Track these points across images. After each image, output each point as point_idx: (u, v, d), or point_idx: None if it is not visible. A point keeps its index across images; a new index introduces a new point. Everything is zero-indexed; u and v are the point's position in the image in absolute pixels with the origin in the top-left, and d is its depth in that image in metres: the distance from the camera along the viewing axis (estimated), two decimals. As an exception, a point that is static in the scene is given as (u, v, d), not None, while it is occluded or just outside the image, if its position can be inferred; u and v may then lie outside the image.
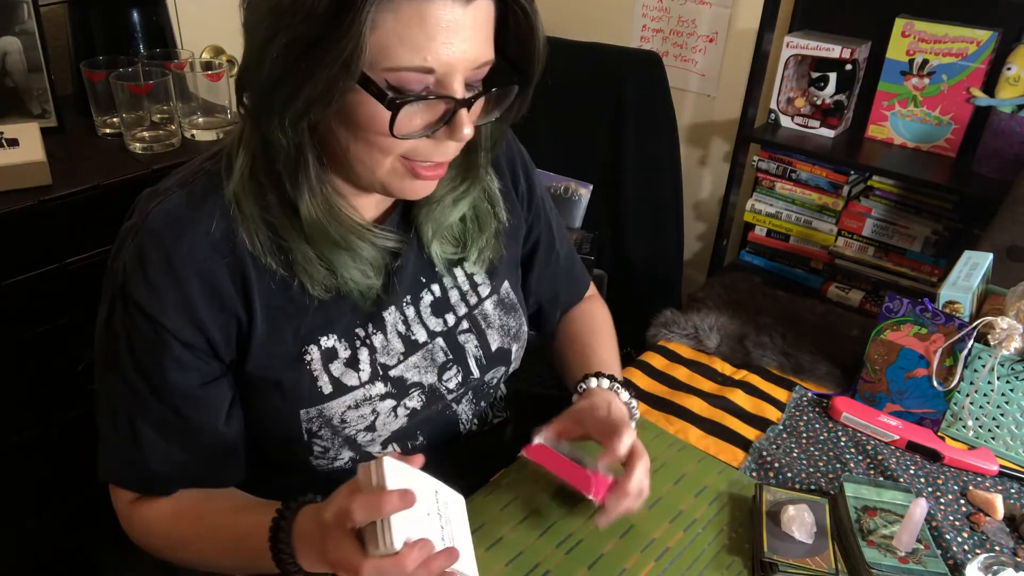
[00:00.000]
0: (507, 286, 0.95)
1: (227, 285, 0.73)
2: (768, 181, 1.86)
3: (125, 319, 0.74)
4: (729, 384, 1.22)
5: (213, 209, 0.73)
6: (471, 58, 0.67)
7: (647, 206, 1.92)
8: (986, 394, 1.07)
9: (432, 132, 0.69)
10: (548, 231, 1.03)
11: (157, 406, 0.76)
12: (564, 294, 1.09)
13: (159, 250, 0.71)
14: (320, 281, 0.76)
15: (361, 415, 0.81)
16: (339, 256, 0.75)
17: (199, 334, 0.74)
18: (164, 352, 0.74)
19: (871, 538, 0.88)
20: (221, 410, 0.79)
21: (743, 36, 2.04)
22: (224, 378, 0.79)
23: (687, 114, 2.22)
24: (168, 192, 0.75)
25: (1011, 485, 1.03)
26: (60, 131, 1.38)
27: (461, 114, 0.68)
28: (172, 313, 0.72)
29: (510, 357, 0.95)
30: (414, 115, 0.68)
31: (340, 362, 0.80)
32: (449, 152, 0.73)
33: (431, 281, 0.88)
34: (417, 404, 0.86)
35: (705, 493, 0.97)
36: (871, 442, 1.09)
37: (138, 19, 1.47)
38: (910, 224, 1.70)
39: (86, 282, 1.23)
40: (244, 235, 0.73)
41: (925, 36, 1.62)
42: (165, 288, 0.71)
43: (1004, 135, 1.55)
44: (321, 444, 0.81)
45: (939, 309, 1.10)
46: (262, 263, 0.74)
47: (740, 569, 0.86)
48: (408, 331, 0.85)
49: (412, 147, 0.70)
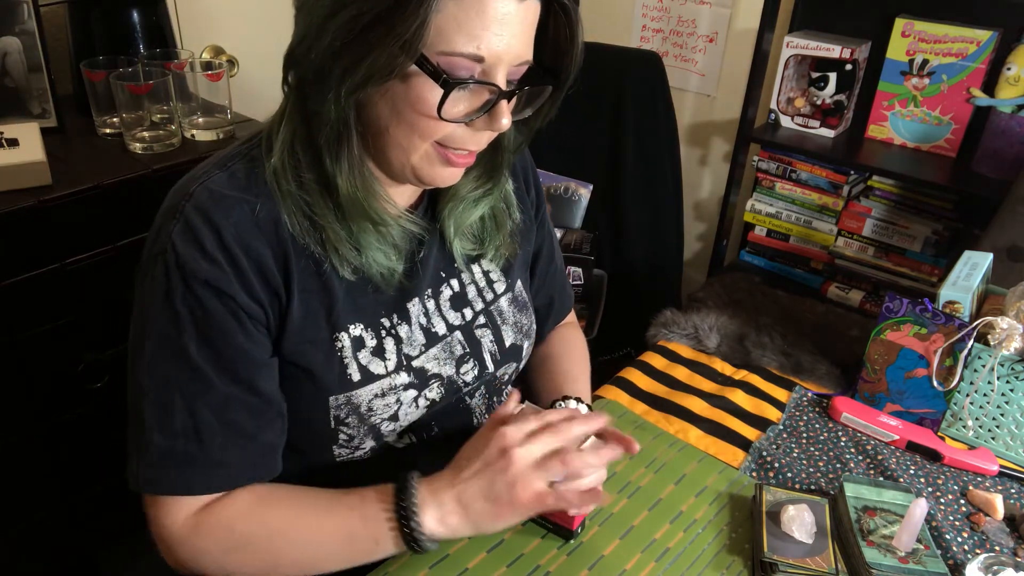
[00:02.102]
0: (520, 284, 0.98)
1: (271, 264, 0.74)
2: (768, 181, 1.86)
3: (187, 297, 0.72)
4: (729, 384, 1.22)
5: (256, 189, 0.75)
6: (516, 53, 0.70)
7: (647, 206, 1.92)
8: (986, 394, 1.07)
9: (472, 119, 0.72)
10: (549, 241, 1.06)
11: (224, 385, 0.74)
12: (556, 305, 1.10)
13: (210, 227, 0.72)
14: (349, 261, 0.77)
15: (386, 404, 0.82)
16: (367, 235, 0.77)
17: (257, 306, 0.75)
18: (236, 324, 0.74)
19: (871, 538, 0.88)
20: (279, 390, 0.79)
21: (743, 36, 2.04)
22: (276, 358, 0.79)
23: (687, 114, 2.22)
24: (208, 174, 0.75)
25: (1011, 485, 1.03)
26: (60, 131, 1.38)
27: (502, 104, 0.71)
28: (236, 284, 0.73)
29: (521, 353, 0.97)
30: (459, 100, 0.71)
31: (368, 351, 0.81)
32: (482, 141, 0.76)
33: (451, 276, 0.90)
34: (436, 396, 0.87)
35: (705, 493, 0.97)
36: (871, 442, 1.09)
37: (138, 19, 1.47)
38: (910, 224, 1.70)
39: (86, 282, 1.23)
40: (284, 215, 0.75)
41: (925, 36, 1.62)
42: (225, 262, 0.72)
43: (1004, 135, 1.55)
44: (347, 432, 0.82)
45: (939, 309, 1.10)
46: (300, 243, 0.76)
47: (740, 569, 0.86)
48: (429, 323, 0.87)
49: (450, 132, 0.73)
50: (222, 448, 0.75)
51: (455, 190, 0.85)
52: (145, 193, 1.26)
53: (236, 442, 0.75)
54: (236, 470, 0.76)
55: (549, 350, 1.08)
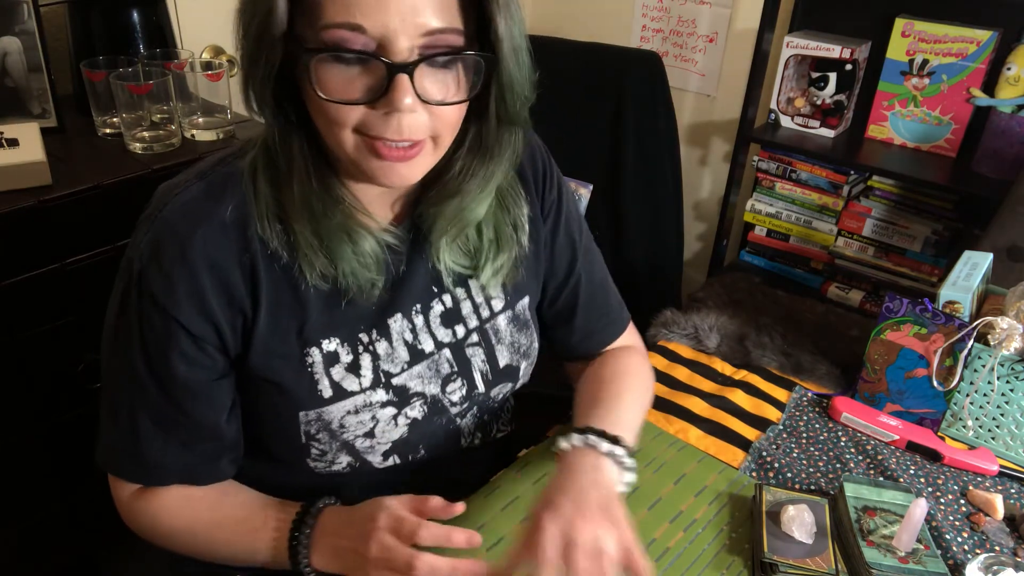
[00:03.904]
0: (525, 303, 0.92)
1: (237, 279, 0.73)
2: (768, 181, 1.86)
3: (138, 309, 0.74)
4: (729, 384, 1.22)
5: (230, 199, 0.73)
6: (412, 21, 0.63)
7: (647, 206, 1.92)
8: (986, 394, 1.07)
9: (372, 101, 0.66)
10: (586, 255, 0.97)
11: (159, 398, 0.76)
12: (598, 325, 1.00)
13: (174, 241, 0.72)
14: (319, 269, 0.75)
15: (360, 421, 0.81)
16: (341, 245, 0.74)
17: (210, 326, 0.74)
18: (173, 344, 0.74)
19: (871, 538, 0.88)
20: (224, 408, 0.79)
21: (743, 36, 2.04)
22: (228, 377, 0.79)
23: (687, 114, 2.22)
24: (187, 184, 0.75)
25: (1011, 485, 1.03)
26: (60, 131, 1.38)
27: (397, 81, 0.64)
28: (185, 304, 0.72)
29: (518, 374, 0.93)
30: (351, 79, 0.65)
31: (341, 366, 0.79)
32: (402, 129, 0.66)
33: (443, 291, 0.85)
34: (418, 414, 0.85)
35: (705, 493, 0.97)
36: (871, 442, 1.09)
37: (138, 19, 1.47)
38: (910, 224, 1.70)
39: (86, 282, 1.23)
40: (256, 217, 0.73)
41: (925, 36, 1.62)
42: (179, 279, 0.72)
43: (1004, 135, 1.55)
44: (319, 447, 0.81)
45: (939, 309, 1.10)
46: (270, 249, 0.74)
47: (740, 569, 0.86)
48: (415, 340, 0.84)
49: (361, 119, 0.67)
50: (160, 452, 0.78)
51: (438, 194, 0.79)
52: (145, 193, 1.25)
53: (172, 449, 0.79)
54: (171, 472, 0.80)
55: (596, 371, 0.97)
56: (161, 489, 0.81)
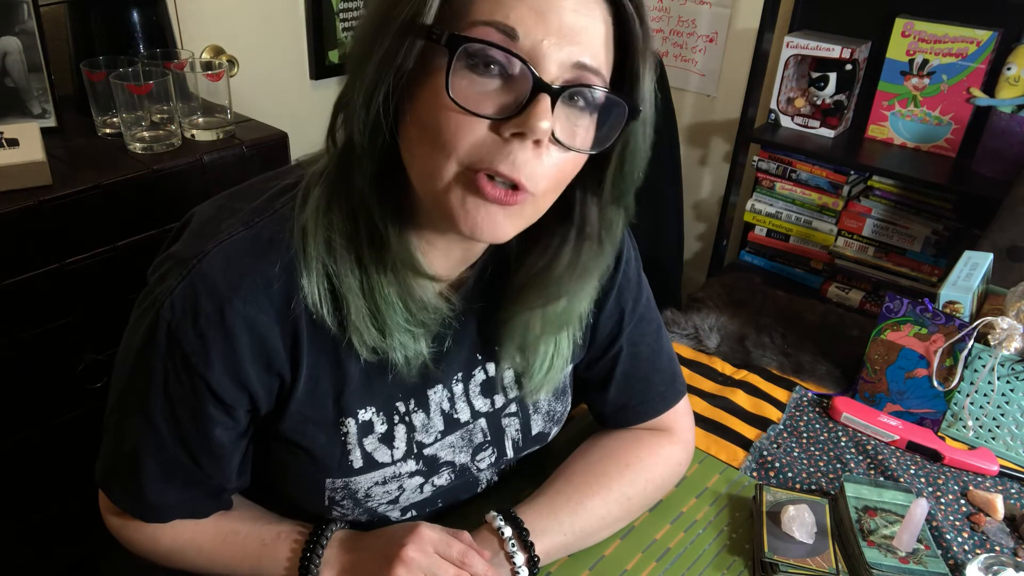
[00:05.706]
0: (568, 371, 0.86)
1: (277, 344, 0.67)
2: (768, 181, 1.86)
3: (167, 361, 0.67)
4: (729, 384, 1.22)
5: (276, 257, 0.66)
6: (567, 48, 0.57)
7: (647, 206, 1.92)
8: (986, 394, 1.07)
9: (503, 118, 0.58)
10: (644, 340, 0.90)
11: (173, 449, 0.71)
12: (632, 403, 0.91)
13: (212, 300, 0.65)
14: (368, 341, 0.68)
15: (387, 491, 0.78)
16: (395, 316, 0.68)
17: (243, 393, 0.69)
18: (200, 406, 0.69)
19: (872, 538, 0.88)
20: (236, 465, 0.76)
21: (743, 36, 2.04)
22: (247, 437, 0.75)
23: (687, 114, 2.22)
24: (231, 231, 0.67)
25: (1011, 485, 1.03)
26: (60, 131, 1.38)
27: (540, 100, 0.56)
28: (218, 368, 0.66)
29: (547, 439, 0.89)
30: (485, 94, 0.58)
31: (375, 437, 0.75)
32: (517, 162, 0.58)
33: (487, 359, 0.80)
34: (445, 481, 0.81)
35: (706, 494, 0.97)
36: (871, 442, 1.09)
37: (138, 19, 1.46)
38: (910, 224, 1.70)
39: (86, 282, 1.23)
40: (305, 283, 0.66)
41: (925, 36, 1.63)
42: (213, 341, 0.65)
43: (1004, 135, 1.55)
44: (340, 510, 0.78)
45: (939, 309, 1.10)
46: (316, 317, 0.67)
47: (741, 569, 0.86)
48: (452, 408, 0.79)
49: (474, 144, 0.58)
50: (161, 493, 0.74)
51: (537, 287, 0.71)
52: (145, 193, 1.26)
53: (174, 491, 0.74)
54: (170, 511, 0.76)
55: (592, 450, 0.89)
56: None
